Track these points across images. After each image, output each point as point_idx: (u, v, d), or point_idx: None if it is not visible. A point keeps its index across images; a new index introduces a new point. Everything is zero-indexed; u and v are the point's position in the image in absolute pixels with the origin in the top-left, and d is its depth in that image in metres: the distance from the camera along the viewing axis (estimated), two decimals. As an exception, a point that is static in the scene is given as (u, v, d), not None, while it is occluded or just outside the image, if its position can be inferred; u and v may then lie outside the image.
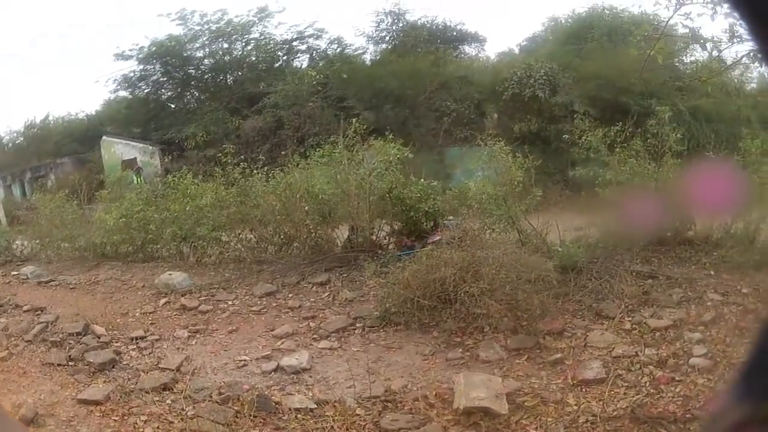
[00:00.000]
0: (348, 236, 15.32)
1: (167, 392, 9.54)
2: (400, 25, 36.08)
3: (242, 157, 18.54)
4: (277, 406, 8.87)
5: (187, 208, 16.96)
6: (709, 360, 9.14)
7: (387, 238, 15.43)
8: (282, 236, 16.03)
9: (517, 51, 37.06)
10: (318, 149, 17.29)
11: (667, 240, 13.27)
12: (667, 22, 12.98)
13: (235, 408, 8.70)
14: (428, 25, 36.21)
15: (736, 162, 13.59)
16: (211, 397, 9.12)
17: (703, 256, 12.55)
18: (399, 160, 15.60)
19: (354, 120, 17.03)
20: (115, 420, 8.89)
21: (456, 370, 9.51)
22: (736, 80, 24.38)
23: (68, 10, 73.21)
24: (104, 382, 10.18)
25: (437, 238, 14.17)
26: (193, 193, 17.46)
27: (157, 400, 9.29)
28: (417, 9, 36.41)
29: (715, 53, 14.38)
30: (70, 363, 11.03)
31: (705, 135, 21.68)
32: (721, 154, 14.49)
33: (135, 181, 29.16)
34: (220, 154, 18.30)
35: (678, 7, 11.98)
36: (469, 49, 38.15)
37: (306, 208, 15.15)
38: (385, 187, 14.99)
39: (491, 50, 48.24)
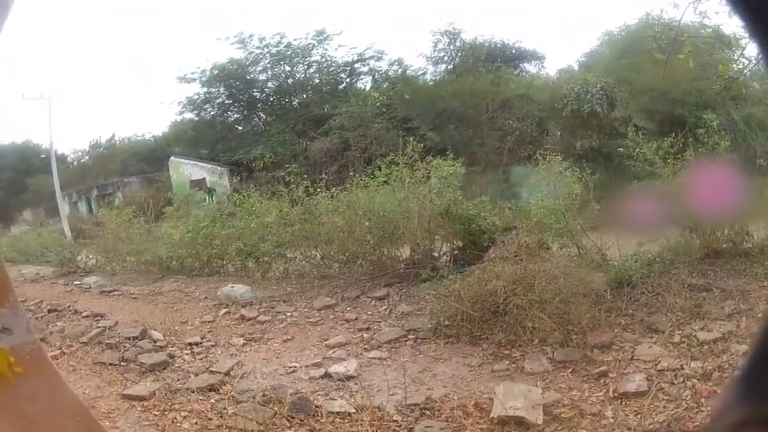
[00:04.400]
0: (410, 253, 15.45)
1: (213, 393, 9.85)
2: (457, 44, 36.13)
3: (306, 177, 18.81)
4: (317, 409, 9.03)
5: (252, 225, 17.47)
6: (754, 373, 9.02)
7: (447, 254, 15.49)
8: (346, 253, 16.20)
9: (576, 67, 36.59)
10: (380, 170, 17.50)
11: (723, 252, 13.06)
12: (679, 21, 12.75)
13: (275, 409, 8.87)
14: (486, 44, 36.25)
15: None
16: (254, 398, 9.34)
17: (758, 268, 12.23)
18: (454, 177, 15.74)
19: (412, 139, 17.12)
20: (155, 414, 9.18)
21: (499, 381, 9.51)
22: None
23: (125, 36, 75.27)
24: (152, 380, 10.52)
25: (492, 255, 14.13)
26: (258, 211, 17.96)
27: (201, 399, 9.58)
28: (472, 28, 36.20)
29: (739, 52, 14.19)
30: (122, 363, 11.44)
31: (761, 143, 21.49)
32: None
33: (207, 201, 29.75)
34: (285, 174, 18.72)
35: (692, 4, 11.75)
36: (530, 67, 38.13)
37: (367, 224, 15.37)
38: (443, 205, 15.11)
39: (551, 67, 47.63)
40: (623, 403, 8.72)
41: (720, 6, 11.95)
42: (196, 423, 8.90)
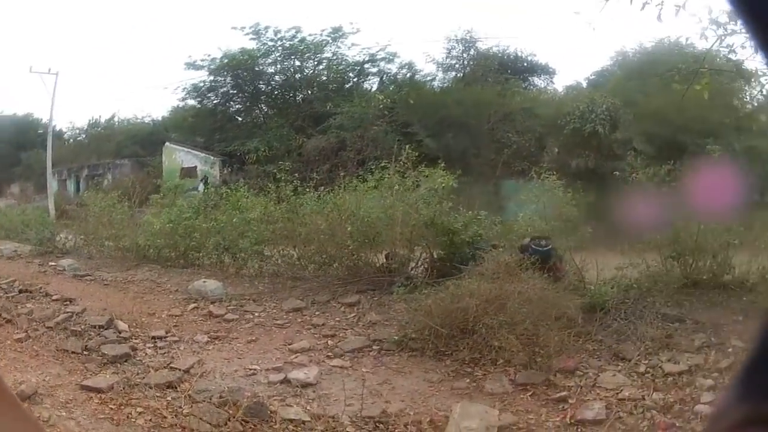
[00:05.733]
0: (385, 260, 15.27)
1: (170, 390, 9.77)
2: (471, 53, 35.79)
3: (297, 175, 18.71)
4: (272, 415, 8.93)
5: (234, 220, 17.22)
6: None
7: (423, 264, 15.25)
8: (323, 255, 15.99)
9: (584, 84, 36.16)
10: (372, 173, 17.26)
11: (702, 283, 12.83)
12: (705, 55, 12.65)
13: (230, 412, 8.79)
14: (500, 55, 35.91)
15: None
16: (210, 399, 9.25)
17: (734, 301, 12.12)
18: (445, 188, 15.39)
19: (407, 146, 17.00)
20: (111, 408, 9.12)
21: (458, 399, 9.43)
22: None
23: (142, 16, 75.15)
24: (112, 373, 10.48)
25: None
26: (243, 206, 17.80)
27: (158, 396, 9.51)
28: (490, 38, 35.65)
29: (759, 88, 14.06)
30: (84, 352, 11.40)
31: (759, 176, 21.26)
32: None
33: (203, 189, 29.49)
34: (276, 170, 18.52)
35: (720, 38, 11.65)
36: (539, 81, 37.84)
37: (349, 229, 15.09)
38: (430, 215, 14.82)
39: (560, 83, 47.16)
40: (579, 430, 8.78)
41: (747, 41, 11.77)
42: (150, 420, 8.87)
